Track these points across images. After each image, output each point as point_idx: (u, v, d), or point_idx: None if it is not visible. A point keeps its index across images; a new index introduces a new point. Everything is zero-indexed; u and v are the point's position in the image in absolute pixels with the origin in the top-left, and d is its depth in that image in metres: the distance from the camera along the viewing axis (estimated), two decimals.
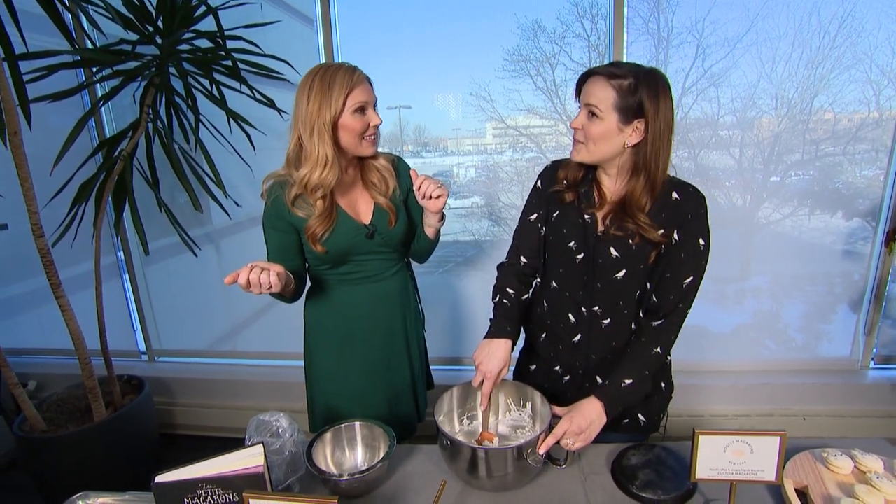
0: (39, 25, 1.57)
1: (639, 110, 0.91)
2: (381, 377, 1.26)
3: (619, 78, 0.91)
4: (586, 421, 0.96)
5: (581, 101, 0.97)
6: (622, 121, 0.92)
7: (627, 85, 0.90)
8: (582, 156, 0.98)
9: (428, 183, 1.09)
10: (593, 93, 0.93)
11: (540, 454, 0.92)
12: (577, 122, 0.97)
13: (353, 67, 1.08)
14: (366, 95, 1.07)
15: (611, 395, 0.98)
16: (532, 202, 1.14)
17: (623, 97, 0.91)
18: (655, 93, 0.90)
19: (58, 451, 1.73)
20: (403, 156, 2.52)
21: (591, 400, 0.98)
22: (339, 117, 1.05)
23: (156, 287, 2.52)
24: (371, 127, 1.09)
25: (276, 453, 0.92)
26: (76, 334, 1.72)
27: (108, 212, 1.84)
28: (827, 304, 2.19)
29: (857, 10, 1.84)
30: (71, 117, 1.66)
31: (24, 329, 2.61)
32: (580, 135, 0.97)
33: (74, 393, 1.99)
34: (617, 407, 0.98)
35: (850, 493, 0.85)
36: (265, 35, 1.81)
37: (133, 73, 1.69)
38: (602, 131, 0.93)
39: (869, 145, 1.99)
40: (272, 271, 0.97)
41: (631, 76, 0.90)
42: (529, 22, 2.06)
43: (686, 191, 0.98)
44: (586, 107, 0.94)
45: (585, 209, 1.02)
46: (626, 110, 0.91)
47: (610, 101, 0.91)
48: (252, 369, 2.44)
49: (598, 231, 1.01)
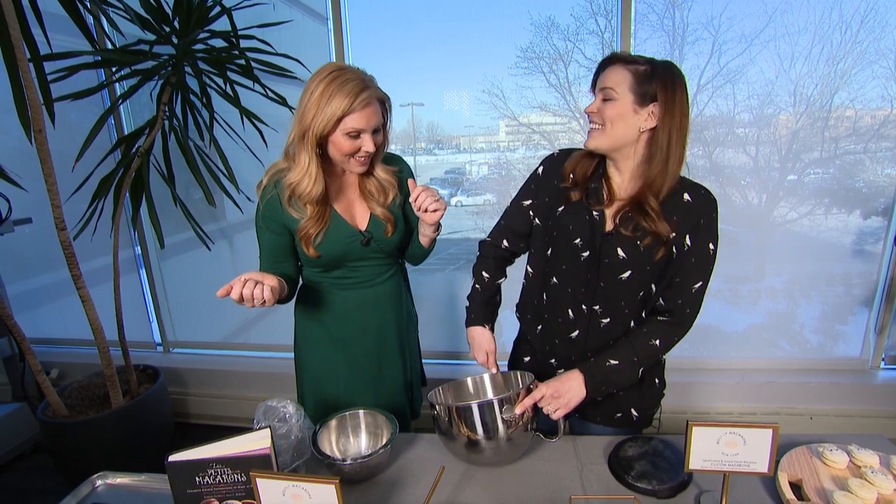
0: (62, 26, 1.62)
1: (654, 95, 0.90)
2: (373, 376, 1.24)
3: (635, 63, 0.91)
4: (564, 387, 0.98)
5: (597, 89, 0.96)
6: (637, 102, 0.91)
7: (644, 70, 0.90)
8: (598, 141, 0.96)
9: (425, 196, 1.03)
10: (609, 77, 0.93)
11: (516, 413, 0.93)
12: (592, 107, 0.96)
13: (364, 85, 0.98)
14: (363, 122, 0.99)
15: (593, 369, 0.99)
16: (529, 187, 1.11)
17: (639, 81, 0.90)
18: (672, 81, 0.90)
19: (78, 436, 1.80)
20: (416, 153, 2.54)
21: (573, 371, 1.00)
22: (330, 134, 1.00)
23: (171, 280, 2.58)
24: (362, 151, 1.03)
25: (283, 437, 0.95)
26: (96, 325, 1.77)
27: (126, 207, 1.89)
28: (844, 304, 2.14)
29: (881, 4, 1.79)
30: (90, 115, 1.71)
31: (47, 320, 2.71)
32: (596, 118, 0.95)
33: (94, 381, 2.06)
34: (598, 384, 0.99)
35: (844, 486, 0.85)
36: (278, 34, 1.84)
37: (150, 72, 1.73)
38: (618, 112, 0.92)
39: (892, 143, 1.94)
40: (266, 285, 0.94)
41: (647, 64, 0.91)
42: (543, 19, 2.04)
43: (698, 193, 0.96)
44: (601, 91, 0.94)
45: (594, 206, 0.99)
46: (641, 94, 0.90)
47: (626, 84, 0.91)
48: (263, 361, 2.49)
49: (605, 229, 0.99)
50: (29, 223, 2.12)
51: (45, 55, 1.52)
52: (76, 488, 1.00)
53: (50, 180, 1.57)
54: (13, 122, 1.47)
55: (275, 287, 0.97)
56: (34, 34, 1.49)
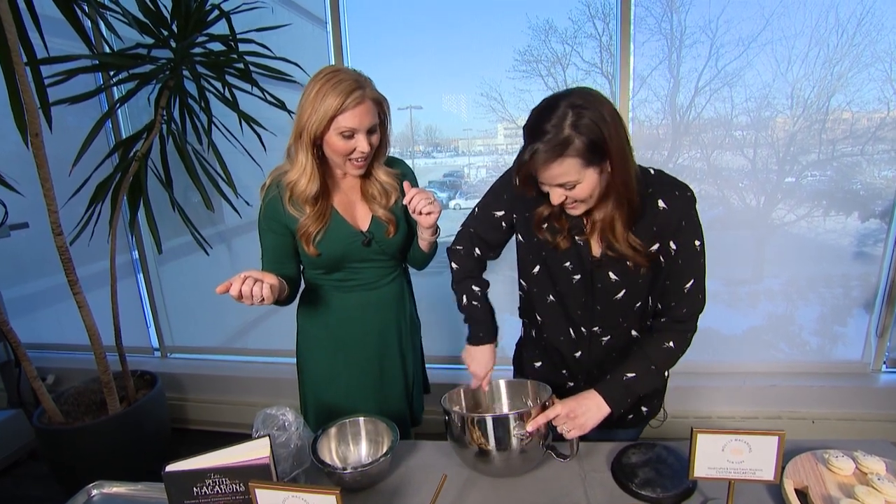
0: (60, 29, 1.62)
1: (604, 150, 0.82)
2: (374, 380, 1.23)
3: (565, 145, 0.80)
4: (582, 407, 0.95)
5: (544, 184, 0.88)
6: (597, 166, 0.84)
7: (580, 143, 0.80)
8: (581, 210, 0.92)
9: (419, 198, 1.02)
10: (556, 175, 0.84)
11: (527, 430, 0.91)
12: (557, 200, 0.87)
13: (357, 85, 0.98)
14: (355, 121, 0.99)
15: (611, 387, 0.97)
16: (501, 196, 1.04)
17: (586, 155, 0.82)
18: (603, 120, 0.80)
19: (75, 443, 1.78)
20: (414, 156, 2.54)
21: (590, 391, 0.98)
22: (324, 133, 1.01)
23: (169, 285, 2.57)
24: (357, 152, 1.03)
25: (282, 446, 0.94)
26: (92, 330, 1.76)
27: (124, 211, 1.88)
28: (842, 306, 2.14)
29: (877, 7, 1.80)
30: (88, 118, 1.70)
31: (44, 325, 2.69)
32: (569, 202, 0.89)
33: (90, 387, 2.04)
34: (620, 399, 0.97)
35: (851, 494, 0.84)
36: (276, 37, 1.83)
37: (148, 76, 1.72)
38: (588, 188, 0.86)
39: (888, 145, 1.94)
40: (266, 283, 0.94)
41: (572, 129, 0.80)
42: (541, 22, 2.04)
43: (672, 196, 0.93)
44: (558, 187, 0.86)
45: (577, 234, 0.97)
46: (597, 158, 0.83)
47: (577, 166, 0.83)
48: (262, 366, 2.47)
49: (593, 255, 0.97)
50: (25, 228, 2.11)
51: (42, 59, 1.52)
52: (71, 498, 0.99)
53: (47, 185, 1.56)
54: (10, 126, 1.46)
55: (274, 286, 0.97)
56: (31, 38, 1.48)
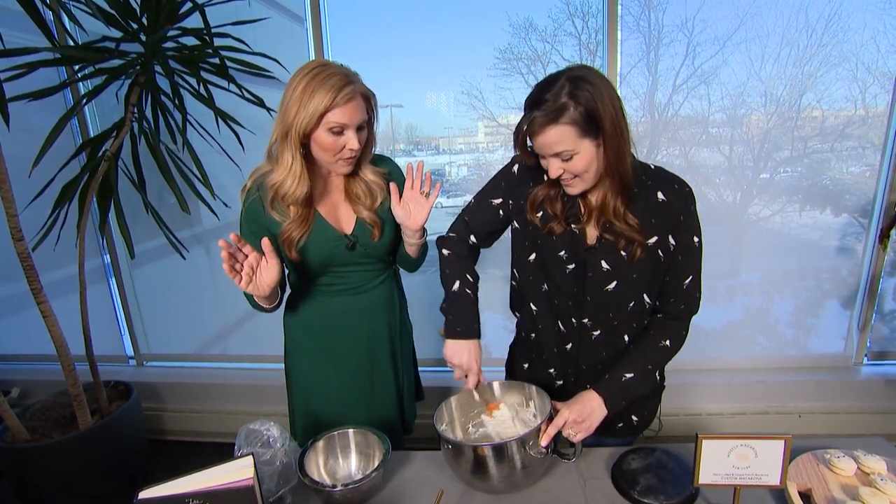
0: (18, 22, 1.53)
1: (599, 122, 0.83)
2: (364, 387, 1.20)
3: (561, 112, 0.82)
4: (587, 409, 0.94)
5: (540, 154, 0.90)
6: (593, 138, 0.85)
7: (577, 112, 0.82)
8: (579, 188, 0.92)
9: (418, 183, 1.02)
10: (551, 142, 0.85)
11: (542, 446, 0.89)
12: (554, 172, 0.89)
13: (347, 80, 0.96)
14: (346, 117, 0.96)
15: (611, 388, 0.97)
16: (499, 184, 1.05)
17: (582, 125, 0.83)
18: (599, 93, 0.82)
19: (41, 461, 1.68)
20: (395, 155, 2.51)
21: (591, 392, 0.97)
22: (313, 131, 0.97)
23: (143, 290, 2.47)
24: (346, 149, 1.00)
25: (267, 464, 0.89)
26: (59, 340, 1.67)
27: (93, 214, 1.79)
28: (816, 299, 2.21)
29: (843, 9, 1.86)
30: (54, 117, 1.61)
31: (7, 334, 2.55)
32: (566, 175, 0.89)
33: (59, 400, 1.94)
34: (618, 400, 0.97)
35: (855, 495, 0.84)
36: (254, 32, 1.77)
37: (117, 71, 1.64)
38: (585, 161, 0.86)
39: (856, 142, 2.02)
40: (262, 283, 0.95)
41: (570, 98, 0.82)
42: (521, 20, 2.05)
43: (671, 189, 0.94)
44: (554, 157, 0.87)
45: (573, 223, 0.97)
46: (593, 130, 0.84)
47: (573, 135, 0.84)
48: (243, 373, 2.40)
49: (587, 243, 0.97)
50: None
51: None
52: None
53: (4, 186, 1.47)
54: None
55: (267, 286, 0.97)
56: None
